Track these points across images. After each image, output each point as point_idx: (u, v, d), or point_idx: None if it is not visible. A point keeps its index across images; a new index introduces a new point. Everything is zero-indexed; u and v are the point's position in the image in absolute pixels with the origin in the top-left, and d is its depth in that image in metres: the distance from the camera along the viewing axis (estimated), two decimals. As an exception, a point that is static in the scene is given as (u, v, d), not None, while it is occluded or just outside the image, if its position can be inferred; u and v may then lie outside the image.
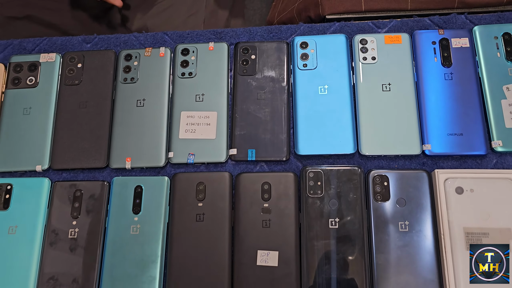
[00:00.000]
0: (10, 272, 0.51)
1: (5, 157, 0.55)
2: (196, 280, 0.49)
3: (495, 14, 0.57)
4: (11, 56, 0.60)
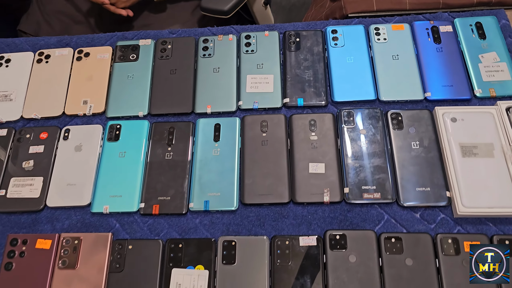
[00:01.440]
0: (122, 185, 0.67)
1: (116, 107, 0.74)
2: (263, 185, 0.66)
3: (469, 12, 0.80)
4: (117, 41, 0.81)
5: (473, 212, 0.61)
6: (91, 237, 0.64)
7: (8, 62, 0.80)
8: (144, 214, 0.65)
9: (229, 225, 0.64)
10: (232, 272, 0.60)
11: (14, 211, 0.67)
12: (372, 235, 0.61)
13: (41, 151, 0.71)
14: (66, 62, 0.80)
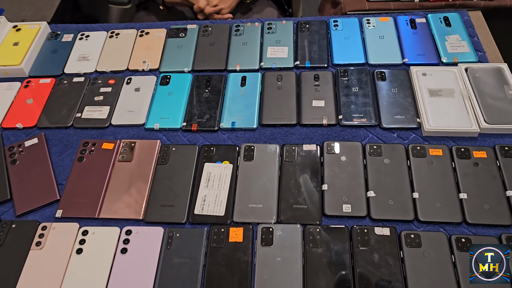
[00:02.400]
0: (169, 110, 0.89)
1: (168, 65, 0.98)
2: (278, 112, 0.86)
3: (439, 11, 1.04)
4: (170, 26, 1.07)
5: (436, 130, 0.80)
6: (144, 142, 0.84)
7: (87, 38, 1.07)
8: (185, 130, 0.86)
9: (249, 139, 0.84)
10: (250, 167, 0.78)
11: (86, 127, 0.88)
12: (359, 145, 0.80)
13: (109, 91, 0.94)
14: (131, 38, 1.05)
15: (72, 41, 1.06)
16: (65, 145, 0.86)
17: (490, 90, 0.84)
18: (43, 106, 0.92)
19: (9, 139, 0.88)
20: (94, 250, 0.71)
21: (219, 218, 0.73)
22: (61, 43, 1.06)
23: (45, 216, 0.76)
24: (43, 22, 1.09)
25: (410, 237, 0.68)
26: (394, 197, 0.73)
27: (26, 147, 0.85)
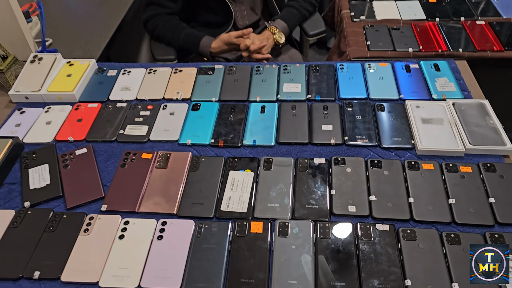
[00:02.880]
0: (200, 129, 1.03)
1: (198, 95, 1.15)
2: (292, 134, 1.01)
3: (430, 59, 1.22)
4: (200, 66, 1.26)
5: (428, 149, 0.94)
6: (178, 153, 0.98)
7: (129, 73, 1.25)
8: (212, 146, 1.00)
9: (268, 154, 0.97)
10: (268, 175, 0.92)
11: (128, 141, 1.03)
12: (362, 159, 0.93)
13: (147, 114, 1.10)
14: (167, 74, 1.23)
15: (116, 76, 1.24)
16: (110, 155, 1.00)
17: (473, 120, 0.99)
18: (91, 124, 1.08)
19: (61, 149, 1.02)
20: (134, 237, 0.82)
21: (242, 214, 0.85)
22: (106, 77, 1.24)
23: (91, 210, 0.88)
24: (92, 59, 1.28)
25: (406, 232, 0.80)
26: (392, 201, 0.85)
27: (77, 155, 0.99)
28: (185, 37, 1.47)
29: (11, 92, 1.17)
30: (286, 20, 1.53)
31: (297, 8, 1.56)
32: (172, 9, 1.49)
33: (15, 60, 1.24)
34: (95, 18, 1.56)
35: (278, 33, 1.49)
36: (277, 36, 1.48)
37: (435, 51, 1.25)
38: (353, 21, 1.43)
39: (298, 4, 1.56)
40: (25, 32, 1.30)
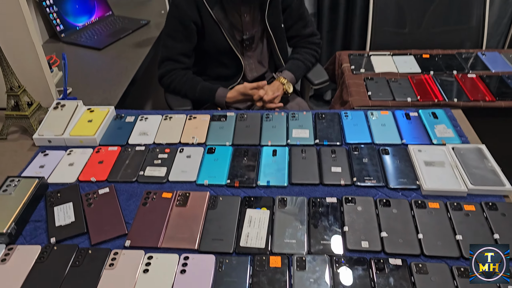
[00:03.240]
0: (216, 170, 1.09)
1: (212, 139, 1.22)
2: (304, 175, 1.07)
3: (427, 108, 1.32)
4: (213, 113, 1.34)
5: (433, 189, 1.00)
6: (196, 193, 1.03)
7: (146, 119, 1.32)
8: (228, 186, 1.06)
9: (281, 194, 1.03)
10: (284, 212, 0.97)
11: (148, 182, 1.08)
12: (371, 199, 0.99)
13: (165, 157, 1.16)
14: (182, 120, 1.31)
15: (134, 122, 1.31)
16: (131, 195, 1.05)
17: (473, 162, 1.07)
18: (112, 166, 1.14)
19: (84, 189, 1.07)
20: (158, 271, 0.85)
21: (260, 249, 0.89)
22: (125, 123, 1.31)
23: (115, 246, 0.92)
24: (111, 106, 1.36)
25: (418, 266, 0.84)
26: (403, 237, 0.90)
27: (100, 194, 1.04)
28: (201, 89, 1.57)
29: (35, 136, 1.23)
30: (293, 71, 1.65)
31: (302, 60, 1.68)
32: (186, 64, 1.61)
33: (39, 106, 1.32)
34: (112, 70, 1.66)
35: (287, 83, 1.60)
36: (286, 86, 1.59)
37: (432, 101, 1.35)
38: (354, 74, 1.55)
39: (302, 57, 1.68)
40: (49, 81, 1.39)
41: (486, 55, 1.63)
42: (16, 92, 1.25)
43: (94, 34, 1.93)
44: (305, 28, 1.69)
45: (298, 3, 1.63)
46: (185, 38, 1.56)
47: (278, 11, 1.61)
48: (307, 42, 1.71)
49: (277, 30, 1.65)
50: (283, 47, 1.72)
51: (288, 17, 1.65)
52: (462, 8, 1.93)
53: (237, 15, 1.58)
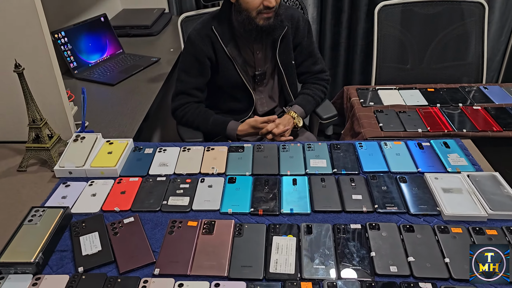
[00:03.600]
0: (239, 199, 1.11)
1: (232, 169, 1.24)
2: (326, 202, 1.09)
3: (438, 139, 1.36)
4: (230, 144, 1.37)
5: (454, 215, 1.02)
6: (221, 221, 1.04)
7: (165, 151, 1.35)
8: (252, 214, 1.07)
9: (305, 221, 1.04)
10: (310, 239, 0.98)
11: (172, 211, 1.09)
12: (395, 225, 1.01)
13: (187, 187, 1.18)
14: (200, 151, 1.34)
15: (153, 153, 1.34)
16: (156, 224, 1.05)
17: (489, 189, 1.10)
18: (134, 196, 1.15)
19: (108, 219, 1.08)
20: (190, 298, 0.85)
21: (290, 275, 0.90)
22: (144, 154, 1.33)
23: (143, 274, 0.92)
24: (130, 139, 1.38)
25: (448, 289, 0.85)
26: (430, 261, 0.91)
27: (125, 223, 1.04)
28: (213, 122, 1.62)
29: (56, 167, 1.25)
30: (303, 105, 1.70)
31: (311, 95, 1.73)
32: (199, 98, 1.66)
33: (59, 139, 1.34)
34: (126, 105, 1.70)
35: (297, 117, 1.64)
36: (296, 120, 1.64)
37: (442, 131, 1.40)
38: (363, 107, 1.60)
39: (312, 92, 1.74)
40: (68, 114, 1.42)
41: (488, 88, 1.70)
42: (39, 125, 1.27)
43: (107, 70, 1.98)
44: (314, 65, 1.75)
45: (309, 42, 1.70)
46: (199, 73, 1.62)
47: (289, 48, 1.68)
48: (316, 78, 1.77)
49: (288, 67, 1.71)
50: (293, 83, 1.77)
51: (298, 54, 1.72)
52: (460, 46, 2.03)
53: (250, 52, 1.65)
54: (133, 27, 2.39)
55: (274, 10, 1.51)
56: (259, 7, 1.48)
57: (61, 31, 1.90)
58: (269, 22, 1.52)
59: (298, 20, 1.67)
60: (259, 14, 1.50)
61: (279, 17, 1.54)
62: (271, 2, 1.47)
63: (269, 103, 1.77)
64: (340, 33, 2.58)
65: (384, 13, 1.99)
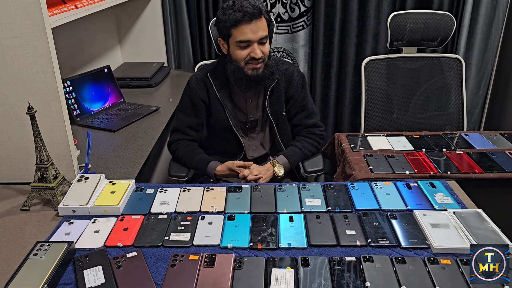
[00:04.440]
0: (238, 235, 1.16)
1: (231, 208, 1.30)
2: (321, 237, 1.14)
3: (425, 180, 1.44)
4: (228, 185, 1.43)
5: (443, 247, 1.08)
6: (222, 255, 1.08)
7: (166, 191, 1.40)
8: (251, 248, 1.12)
9: (302, 254, 1.09)
10: (308, 271, 1.02)
11: (173, 246, 1.13)
12: (387, 257, 1.06)
13: (188, 223, 1.22)
14: (200, 191, 1.39)
15: (154, 193, 1.39)
16: (158, 258, 1.09)
17: (474, 224, 1.16)
18: (137, 232, 1.19)
19: (111, 253, 1.11)
20: (193, 326, 0.88)
21: (289, 304, 0.93)
22: (145, 194, 1.39)
23: (147, 305, 0.94)
24: (132, 179, 1.44)
25: (440, 316, 0.89)
26: (421, 290, 0.96)
27: (128, 257, 1.08)
28: (197, 160, 1.73)
29: (61, 205, 1.29)
30: (288, 156, 1.78)
31: (300, 147, 1.81)
32: (192, 136, 1.78)
33: (63, 179, 1.40)
34: (127, 149, 1.77)
35: (278, 166, 1.72)
36: (276, 169, 1.71)
37: (428, 173, 1.48)
38: (354, 151, 1.69)
39: (301, 144, 1.82)
40: (73, 156, 1.49)
41: (469, 135, 1.82)
42: (45, 165, 1.33)
43: (108, 118, 2.07)
44: (307, 119, 1.85)
45: (302, 95, 1.81)
46: (193, 114, 1.76)
47: (281, 100, 1.79)
48: (308, 132, 1.85)
49: (279, 117, 1.81)
50: (285, 134, 1.86)
51: (291, 107, 1.82)
52: (442, 97, 2.18)
53: (242, 99, 1.77)
54: (134, 79, 2.52)
55: (262, 61, 1.64)
56: (246, 57, 1.61)
57: (67, 80, 2.01)
58: (257, 72, 1.64)
59: (292, 73, 1.79)
60: (247, 64, 1.62)
61: (269, 68, 1.66)
62: (257, 54, 1.59)
63: (259, 150, 1.85)
64: (329, 86, 2.74)
65: (370, 67, 2.14)
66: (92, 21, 2.41)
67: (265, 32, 1.60)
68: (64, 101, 1.42)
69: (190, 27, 2.70)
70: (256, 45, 1.59)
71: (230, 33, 1.61)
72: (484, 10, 2.43)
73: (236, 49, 1.62)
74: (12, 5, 1.26)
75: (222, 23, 1.62)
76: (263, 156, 1.89)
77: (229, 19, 1.58)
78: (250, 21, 1.56)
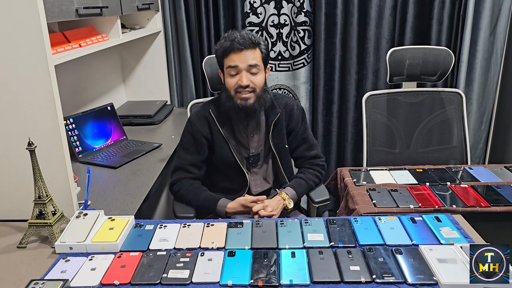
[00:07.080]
0: (238, 272, 1.12)
1: (231, 244, 1.26)
2: (324, 273, 1.10)
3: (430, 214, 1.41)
4: (229, 221, 1.40)
5: (451, 283, 1.04)
6: (221, 293, 1.05)
7: (165, 227, 1.38)
8: (252, 285, 1.08)
9: (305, 292, 1.05)
10: (310, 309, 0.98)
11: (172, 283, 1.10)
12: (393, 294, 1.02)
13: (187, 260, 1.19)
14: (200, 227, 1.37)
15: (154, 229, 1.37)
16: (155, 296, 1.05)
17: (482, 259, 1.13)
18: (134, 270, 1.15)
19: (107, 292, 1.08)
20: None
21: None
22: (144, 230, 1.36)
23: None
24: (131, 216, 1.42)
25: None
26: (430, 329, 0.91)
27: (124, 295, 1.04)
28: (204, 198, 1.68)
29: (57, 242, 1.26)
30: (295, 187, 1.76)
31: (304, 179, 1.80)
32: (196, 174, 1.75)
33: (62, 215, 1.38)
34: (128, 186, 1.75)
35: (287, 199, 1.70)
36: (286, 201, 1.69)
37: (433, 207, 1.45)
38: (356, 186, 1.67)
39: (305, 176, 1.81)
40: (73, 193, 1.48)
41: (473, 169, 1.79)
42: (44, 201, 1.31)
43: (110, 155, 2.07)
44: (309, 151, 1.85)
45: (303, 128, 1.82)
46: (196, 151, 1.73)
47: (282, 133, 1.79)
48: (310, 163, 1.85)
49: (281, 150, 1.81)
50: (288, 166, 1.86)
51: (293, 140, 1.83)
52: (444, 131, 2.17)
53: (244, 134, 1.77)
54: (137, 117, 2.54)
55: (252, 92, 1.64)
56: (235, 86, 1.63)
57: (70, 118, 2.03)
58: (246, 103, 1.64)
59: (292, 107, 1.81)
60: (237, 93, 1.64)
61: (261, 101, 1.67)
62: (243, 82, 1.60)
63: (263, 185, 1.84)
64: (331, 122, 2.75)
65: (371, 102, 2.16)
66: (97, 60, 2.47)
67: (255, 61, 1.62)
68: (65, 137, 1.43)
69: (193, 67, 2.75)
70: (244, 72, 1.61)
71: (223, 62, 1.66)
72: (482, 45, 2.47)
73: (227, 77, 1.66)
74: (16, 41, 1.30)
75: (216, 53, 1.69)
76: (266, 190, 1.87)
77: (220, 48, 1.65)
78: (240, 50, 1.60)
